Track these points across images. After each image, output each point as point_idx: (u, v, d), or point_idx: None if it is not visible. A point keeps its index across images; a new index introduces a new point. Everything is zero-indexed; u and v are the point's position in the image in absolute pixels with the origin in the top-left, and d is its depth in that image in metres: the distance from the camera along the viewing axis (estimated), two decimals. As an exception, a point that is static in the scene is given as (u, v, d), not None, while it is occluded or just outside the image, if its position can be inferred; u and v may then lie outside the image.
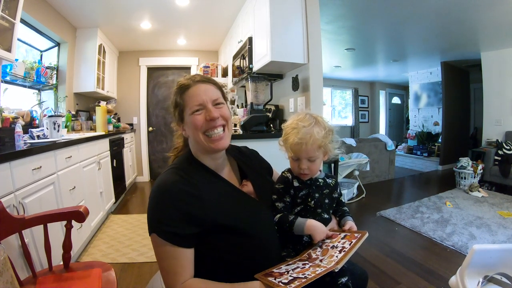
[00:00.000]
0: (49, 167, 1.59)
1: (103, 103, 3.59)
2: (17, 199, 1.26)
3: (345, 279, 0.73)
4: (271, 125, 2.49)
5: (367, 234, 0.74)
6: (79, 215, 1.09)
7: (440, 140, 5.39)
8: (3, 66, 2.05)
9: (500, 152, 3.70)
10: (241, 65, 2.68)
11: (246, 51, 2.48)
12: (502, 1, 2.60)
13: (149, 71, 4.54)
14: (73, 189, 1.87)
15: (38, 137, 1.98)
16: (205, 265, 0.68)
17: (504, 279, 0.80)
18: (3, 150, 1.36)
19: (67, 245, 1.09)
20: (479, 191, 3.39)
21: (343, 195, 3.22)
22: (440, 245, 2.11)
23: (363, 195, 3.45)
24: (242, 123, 2.13)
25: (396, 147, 5.46)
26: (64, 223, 1.09)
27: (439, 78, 5.22)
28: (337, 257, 0.66)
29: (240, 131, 2.17)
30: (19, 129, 1.73)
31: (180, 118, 0.78)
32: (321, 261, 0.68)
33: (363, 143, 4.12)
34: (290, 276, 0.62)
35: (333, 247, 0.72)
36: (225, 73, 3.76)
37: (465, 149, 5.03)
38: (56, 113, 2.61)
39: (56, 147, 1.68)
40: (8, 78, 2.20)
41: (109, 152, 2.88)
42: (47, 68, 2.75)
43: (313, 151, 0.78)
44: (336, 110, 7.55)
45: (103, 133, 2.99)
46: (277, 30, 2.07)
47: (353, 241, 0.72)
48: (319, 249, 0.74)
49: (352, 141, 3.94)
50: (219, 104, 0.77)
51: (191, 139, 0.79)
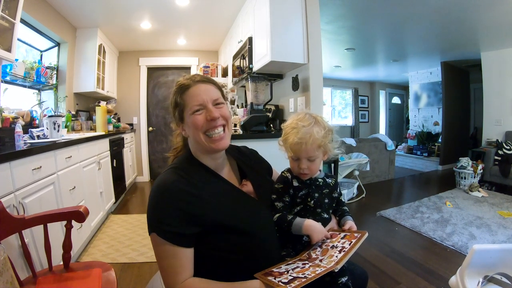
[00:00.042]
0: (49, 167, 1.59)
1: (103, 103, 3.59)
2: (17, 199, 1.26)
3: (345, 279, 0.73)
4: (271, 125, 2.49)
5: (367, 234, 0.74)
6: (79, 215, 1.09)
7: (440, 140, 5.39)
8: (3, 66, 2.05)
9: (500, 152, 3.70)
10: (241, 65, 2.68)
11: (246, 51, 2.48)
12: (502, 1, 2.60)
13: (149, 71, 4.54)
14: (73, 189, 1.87)
15: (38, 137, 1.99)
16: (204, 265, 0.68)
17: (504, 279, 0.80)
18: (3, 150, 1.36)
19: (67, 245, 1.09)
20: (479, 191, 3.39)
21: (343, 195, 3.22)
22: (440, 245, 2.11)
23: (363, 195, 3.45)
24: (242, 123, 2.13)
25: (396, 147, 5.45)
26: (64, 223, 1.09)
27: (439, 78, 5.23)
28: (337, 257, 0.66)
29: (240, 131, 2.17)
30: (19, 129, 1.73)
31: (180, 118, 0.78)
32: (321, 261, 0.68)
33: (363, 143, 4.12)
34: (290, 275, 0.62)
35: (333, 247, 0.72)
36: (225, 73, 3.76)
37: (465, 149, 5.03)
38: (56, 113, 2.61)
39: (56, 147, 1.68)
40: (8, 78, 2.20)
41: (109, 152, 2.88)
42: (47, 68, 2.75)
43: (312, 151, 0.78)
44: (336, 110, 7.55)
45: (103, 133, 2.99)
46: (277, 30, 2.07)
47: (353, 241, 0.72)
48: (319, 249, 0.74)
49: (352, 141, 3.94)
50: (219, 104, 0.77)
51: (191, 139, 0.79)
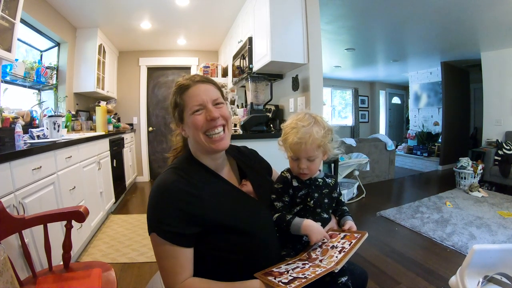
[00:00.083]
0: (49, 167, 1.59)
1: (103, 103, 3.59)
2: (17, 199, 1.26)
3: (345, 279, 0.73)
4: (271, 125, 2.49)
5: (366, 235, 0.73)
6: (79, 215, 1.09)
7: (440, 140, 5.38)
8: (3, 66, 2.05)
9: (500, 152, 3.70)
10: (241, 65, 2.68)
11: (246, 51, 2.48)
12: (502, 1, 2.60)
13: (149, 71, 4.54)
14: (73, 189, 1.87)
15: (38, 137, 1.99)
16: (204, 264, 0.68)
17: (504, 279, 0.80)
18: (3, 150, 1.36)
19: (67, 245, 1.09)
20: (479, 191, 3.38)
21: (343, 195, 3.22)
22: (440, 245, 2.11)
23: (363, 195, 3.45)
24: (242, 123, 2.13)
25: (396, 147, 5.45)
26: (64, 223, 1.09)
27: (439, 78, 5.22)
28: (337, 257, 0.66)
29: (240, 131, 2.17)
30: (19, 129, 1.73)
31: (180, 119, 0.78)
32: (321, 261, 0.68)
33: (363, 143, 4.12)
34: (290, 276, 0.62)
35: (333, 247, 0.72)
36: (225, 73, 3.76)
37: (465, 149, 5.03)
38: (56, 113, 2.61)
39: (56, 147, 1.68)
40: (8, 78, 2.20)
41: (109, 152, 2.88)
42: (47, 68, 2.75)
43: (312, 151, 0.78)
44: (336, 110, 7.55)
45: (103, 133, 2.99)
46: (277, 30, 2.07)
47: (353, 241, 0.72)
48: (319, 249, 0.74)
49: (352, 141, 3.94)
50: (219, 104, 0.77)
51: (191, 139, 0.79)
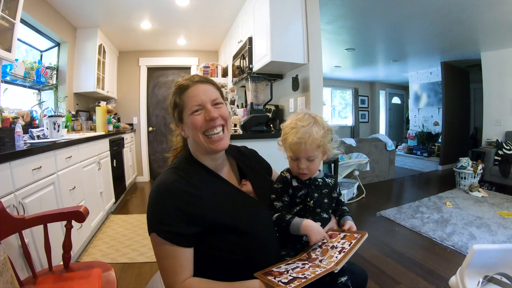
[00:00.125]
0: (49, 167, 1.59)
1: (103, 103, 3.59)
2: (17, 199, 1.26)
3: (344, 279, 0.73)
4: (271, 125, 2.49)
5: (366, 235, 0.73)
6: (79, 215, 1.09)
7: (440, 140, 5.38)
8: (3, 66, 2.05)
9: (500, 152, 3.70)
10: (241, 65, 2.68)
11: (246, 51, 2.48)
12: (502, 1, 2.60)
13: (149, 71, 4.54)
14: (73, 189, 1.87)
15: (38, 137, 1.99)
16: (204, 264, 0.68)
17: (504, 279, 0.80)
18: (3, 150, 1.36)
19: (67, 245, 1.09)
20: (479, 191, 3.38)
21: (343, 195, 3.22)
22: (440, 245, 2.11)
23: (363, 195, 3.45)
24: (242, 123, 2.13)
25: (396, 147, 5.45)
26: (64, 223, 1.09)
27: (439, 78, 5.22)
28: (336, 257, 0.66)
29: (240, 131, 2.17)
30: (19, 129, 1.73)
31: (179, 119, 0.78)
32: (320, 261, 0.68)
33: (363, 143, 4.11)
34: (289, 275, 0.62)
35: (332, 247, 0.72)
36: (225, 73, 3.76)
37: (465, 149, 5.03)
38: (56, 113, 2.61)
39: (56, 147, 1.68)
40: (8, 78, 2.20)
41: (109, 152, 2.88)
42: (47, 68, 2.75)
43: (312, 151, 0.78)
44: (336, 110, 7.55)
45: (103, 133, 2.99)
46: (277, 30, 2.07)
47: (353, 241, 0.72)
48: (318, 249, 0.74)
49: (352, 141, 3.94)
50: (218, 104, 0.77)
51: (190, 139, 0.79)
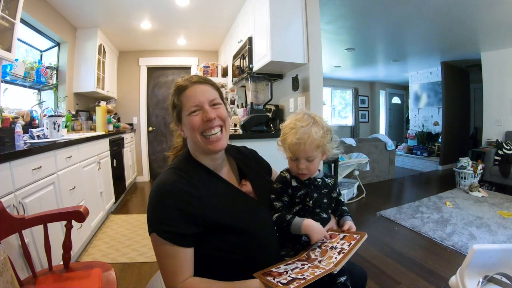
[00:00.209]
0: (49, 167, 1.59)
1: (103, 103, 3.59)
2: (17, 199, 1.26)
3: (343, 279, 0.73)
4: (271, 125, 2.49)
5: (366, 236, 0.73)
6: (79, 215, 1.09)
7: (440, 140, 5.38)
8: (3, 66, 2.05)
9: (500, 152, 3.70)
10: (241, 65, 2.68)
11: (246, 51, 2.48)
12: (502, 1, 2.60)
13: (149, 71, 4.54)
14: (73, 189, 1.87)
15: (38, 137, 1.99)
16: (204, 264, 0.68)
17: (504, 279, 0.80)
18: (3, 150, 1.36)
19: (67, 245, 1.09)
20: (479, 191, 3.38)
21: (343, 195, 3.22)
22: (440, 245, 2.11)
23: (363, 195, 3.45)
24: (242, 123, 2.13)
25: (396, 147, 5.45)
26: (64, 223, 1.09)
27: (439, 78, 5.22)
28: (336, 258, 0.66)
29: (240, 131, 2.17)
30: (19, 129, 1.73)
31: (178, 119, 0.78)
32: (320, 262, 0.68)
33: (363, 143, 4.12)
34: (289, 276, 0.62)
35: (332, 248, 0.72)
36: (225, 73, 3.76)
37: (465, 149, 5.02)
38: (56, 113, 2.61)
39: (56, 147, 1.68)
40: (8, 78, 2.21)
41: (109, 152, 2.88)
42: (47, 68, 2.75)
43: (311, 151, 0.78)
44: (336, 110, 7.55)
45: (103, 133, 2.99)
46: (277, 30, 2.07)
47: (352, 242, 0.71)
48: (318, 249, 0.74)
49: (352, 141, 3.94)
50: (216, 105, 0.77)
51: (189, 139, 0.79)
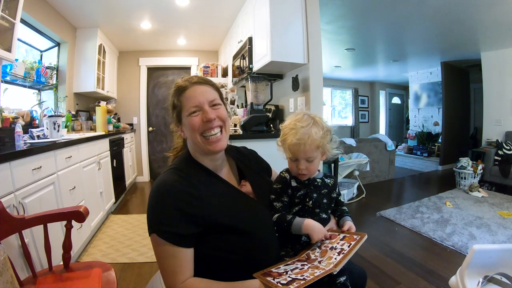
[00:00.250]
0: (49, 167, 1.59)
1: (103, 103, 3.59)
2: (17, 199, 1.26)
3: (343, 278, 0.73)
4: (271, 125, 2.49)
5: (366, 236, 0.73)
6: (79, 215, 1.09)
7: (440, 140, 5.38)
8: (3, 66, 2.05)
9: (500, 152, 3.70)
10: (241, 65, 2.68)
11: (246, 51, 2.48)
12: (502, 1, 2.60)
13: (149, 71, 4.54)
14: (73, 189, 1.87)
15: (38, 137, 1.99)
16: (204, 264, 0.68)
17: (504, 279, 0.80)
18: (3, 150, 1.36)
19: (67, 245, 1.09)
20: (479, 191, 3.38)
21: (343, 195, 3.22)
22: (440, 245, 2.11)
23: (363, 195, 3.45)
24: (242, 123, 2.13)
25: (396, 147, 5.45)
26: (64, 223, 1.09)
27: (439, 78, 5.22)
28: (335, 259, 0.66)
29: (240, 131, 2.17)
30: (19, 129, 1.73)
31: (178, 120, 0.78)
32: (319, 262, 0.68)
33: (363, 143, 4.11)
34: (288, 277, 0.62)
35: (332, 248, 0.72)
36: (225, 73, 3.76)
37: (465, 149, 5.02)
38: (56, 113, 2.61)
39: (56, 147, 1.68)
40: (8, 78, 2.20)
41: (109, 152, 2.88)
42: (47, 68, 2.75)
43: (311, 152, 0.78)
44: (336, 110, 7.55)
45: (103, 133, 2.99)
46: (277, 30, 2.07)
47: (352, 243, 0.71)
48: (318, 249, 0.74)
49: (352, 141, 3.94)
50: (216, 105, 0.77)
51: (189, 140, 0.79)
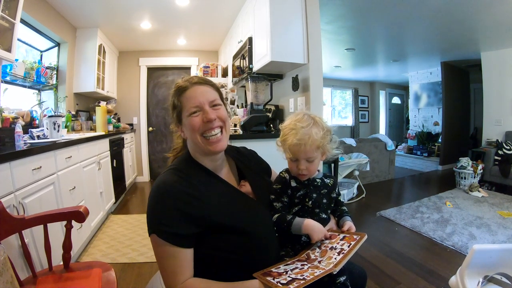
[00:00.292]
0: (49, 167, 1.59)
1: (103, 103, 3.59)
2: (17, 199, 1.26)
3: (343, 278, 0.73)
4: (271, 125, 2.49)
5: (366, 236, 0.73)
6: (79, 215, 1.09)
7: (440, 140, 5.38)
8: (3, 66, 2.05)
9: (500, 152, 3.70)
10: (241, 65, 2.68)
11: (246, 51, 2.48)
12: (502, 1, 2.60)
13: (149, 71, 4.54)
14: (73, 189, 1.87)
15: (38, 137, 1.99)
16: (204, 265, 0.68)
17: (504, 279, 0.80)
18: (3, 150, 1.36)
19: (67, 245, 1.09)
20: (479, 191, 3.38)
21: (343, 195, 3.22)
22: (440, 245, 2.11)
23: (363, 195, 3.45)
24: (242, 123, 2.13)
25: (396, 147, 5.45)
26: (64, 223, 1.09)
27: (439, 78, 5.22)
28: (335, 259, 0.66)
29: (240, 131, 2.17)
30: (19, 129, 1.73)
31: (178, 120, 0.78)
32: (319, 262, 0.68)
33: (363, 143, 4.11)
34: (288, 276, 0.62)
35: (331, 248, 0.72)
36: (225, 73, 3.76)
37: (465, 149, 5.03)
38: (56, 113, 2.61)
39: (56, 147, 1.68)
40: (8, 78, 2.20)
41: (109, 152, 2.88)
42: (47, 68, 2.75)
43: (311, 152, 0.78)
44: (336, 110, 7.55)
45: (103, 133, 2.99)
46: (277, 30, 2.07)
47: (352, 243, 0.71)
48: (318, 249, 0.74)
49: (352, 141, 3.94)
50: (216, 106, 0.77)
51: (189, 140, 0.79)
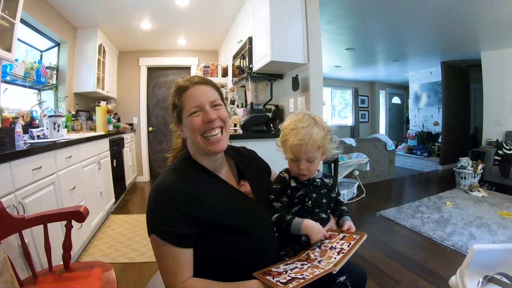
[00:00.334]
0: (49, 167, 1.59)
1: (103, 103, 3.59)
2: (17, 199, 1.26)
3: (343, 278, 0.73)
4: (271, 125, 2.49)
5: (365, 236, 0.73)
6: (79, 215, 1.09)
7: (440, 140, 5.39)
8: (3, 66, 2.05)
9: (500, 152, 3.70)
10: (241, 65, 2.68)
11: (246, 51, 2.48)
12: (502, 1, 2.60)
13: (149, 71, 4.54)
14: (73, 189, 1.87)
15: (38, 137, 1.99)
16: (204, 265, 0.68)
17: (504, 279, 0.80)
18: (3, 150, 1.36)
19: (67, 245, 1.09)
20: (479, 191, 3.38)
21: (343, 195, 3.22)
22: (440, 245, 2.11)
23: (363, 195, 3.45)
24: (242, 123, 2.13)
25: (396, 147, 5.45)
26: (64, 223, 1.09)
27: (439, 78, 5.22)
28: (335, 258, 0.66)
29: (240, 131, 2.17)
30: (19, 129, 1.73)
31: (179, 120, 0.78)
32: (319, 262, 0.68)
33: (363, 143, 4.12)
34: (288, 276, 0.62)
35: (331, 248, 0.72)
36: (225, 73, 3.76)
37: (465, 149, 5.03)
38: (56, 113, 2.61)
39: (56, 147, 1.68)
40: (8, 78, 2.20)
41: (109, 152, 2.88)
42: (47, 68, 2.75)
43: (312, 152, 0.78)
44: (336, 110, 7.55)
45: (103, 133, 2.99)
46: (277, 30, 2.07)
47: (352, 242, 0.71)
48: (317, 249, 0.74)
49: (352, 141, 3.94)
50: (217, 106, 0.77)
51: (189, 140, 0.79)
